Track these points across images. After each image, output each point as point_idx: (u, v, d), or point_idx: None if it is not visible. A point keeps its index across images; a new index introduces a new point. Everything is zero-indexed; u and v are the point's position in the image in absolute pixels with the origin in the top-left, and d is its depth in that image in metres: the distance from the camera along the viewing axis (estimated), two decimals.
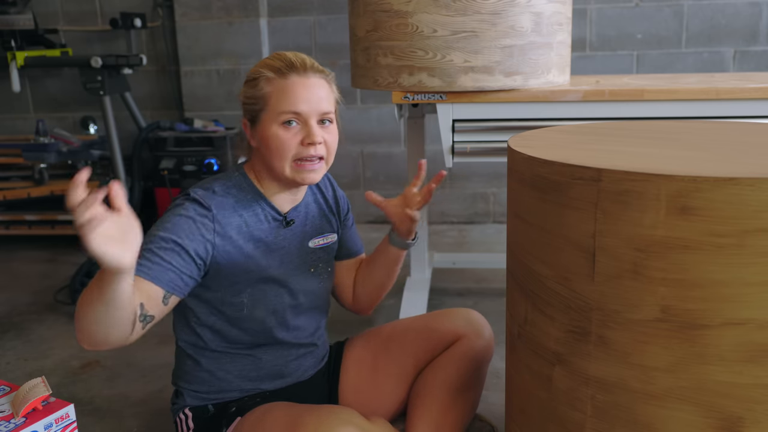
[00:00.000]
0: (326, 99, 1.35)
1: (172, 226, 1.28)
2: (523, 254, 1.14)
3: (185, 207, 1.31)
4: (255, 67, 1.37)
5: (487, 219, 3.90)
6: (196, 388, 1.44)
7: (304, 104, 1.31)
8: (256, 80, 1.34)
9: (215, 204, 1.33)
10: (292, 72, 1.32)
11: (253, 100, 1.34)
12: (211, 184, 1.38)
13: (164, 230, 1.27)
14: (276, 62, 1.34)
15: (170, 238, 1.26)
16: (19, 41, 3.49)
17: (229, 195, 1.36)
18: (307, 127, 1.32)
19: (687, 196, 0.89)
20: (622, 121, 1.56)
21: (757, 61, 3.55)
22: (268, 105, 1.32)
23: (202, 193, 1.34)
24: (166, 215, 1.31)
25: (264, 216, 1.39)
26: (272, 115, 1.32)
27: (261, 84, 1.33)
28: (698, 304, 0.92)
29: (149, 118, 3.86)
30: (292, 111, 1.31)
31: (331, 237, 1.52)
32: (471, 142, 2.03)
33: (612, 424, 1.02)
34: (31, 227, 3.52)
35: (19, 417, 1.43)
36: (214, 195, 1.34)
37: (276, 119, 1.31)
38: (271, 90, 1.32)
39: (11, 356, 2.30)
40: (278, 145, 1.31)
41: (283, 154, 1.32)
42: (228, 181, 1.39)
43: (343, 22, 3.65)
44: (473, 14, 1.81)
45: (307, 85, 1.32)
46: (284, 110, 1.30)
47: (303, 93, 1.31)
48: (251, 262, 1.37)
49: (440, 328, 1.56)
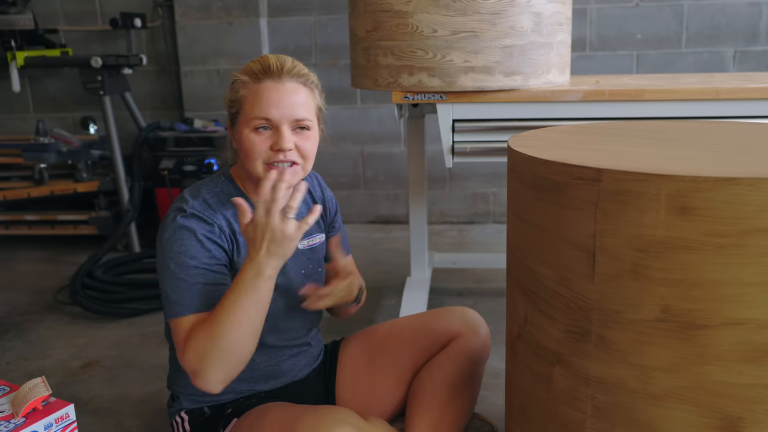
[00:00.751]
0: (303, 105, 1.32)
1: (193, 250, 1.27)
2: (523, 254, 1.14)
3: (190, 224, 1.29)
4: (236, 73, 1.37)
5: (487, 219, 3.90)
6: (191, 391, 1.44)
7: (275, 110, 1.30)
8: (234, 83, 1.35)
9: (211, 216, 1.32)
10: (266, 77, 1.31)
11: (230, 103, 1.36)
12: (199, 191, 1.36)
13: (191, 258, 1.27)
14: (256, 66, 1.34)
15: (201, 265, 1.28)
16: (19, 41, 3.49)
17: (219, 203, 1.35)
18: (278, 133, 1.30)
19: (687, 196, 0.89)
20: (622, 121, 1.56)
21: (757, 61, 3.55)
22: (242, 109, 1.33)
23: (199, 207, 1.32)
24: (177, 239, 1.28)
25: None
26: (245, 119, 1.32)
27: (237, 88, 1.34)
28: (698, 304, 0.92)
29: (149, 118, 3.86)
30: (263, 117, 1.30)
31: (318, 237, 1.52)
32: (471, 142, 2.03)
33: (612, 424, 1.02)
34: (31, 227, 3.52)
35: (19, 417, 1.43)
36: (208, 207, 1.33)
37: (248, 123, 1.31)
38: (246, 94, 1.32)
39: (11, 356, 2.30)
40: (249, 149, 1.31)
41: (253, 157, 1.32)
42: (215, 187, 1.38)
43: (343, 22, 3.65)
44: (473, 14, 1.81)
45: (281, 90, 1.31)
46: (255, 116, 1.30)
47: (275, 98, 1.30)
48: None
49: (437, 327, 1.56)
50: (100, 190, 3.44)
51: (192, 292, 1.27)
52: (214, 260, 1.30)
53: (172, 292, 1.27)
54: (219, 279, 1.30)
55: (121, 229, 3.31)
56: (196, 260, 1.28)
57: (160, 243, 1.31)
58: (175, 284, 1.27)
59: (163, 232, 1.31)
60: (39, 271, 3.23)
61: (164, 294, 1.30)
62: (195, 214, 1.31)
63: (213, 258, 1.30)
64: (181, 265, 1.27)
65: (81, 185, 3.43)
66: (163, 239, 1.30)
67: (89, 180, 3.45)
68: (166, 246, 1.29)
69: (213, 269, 1.29)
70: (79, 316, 2.62)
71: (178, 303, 1.27)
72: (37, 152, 3.40)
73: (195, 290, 1.27)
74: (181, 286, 1.27)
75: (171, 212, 1.33)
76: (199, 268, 1.28)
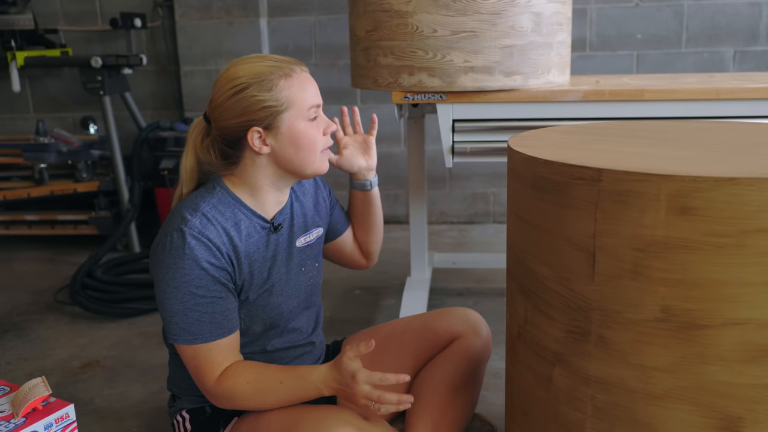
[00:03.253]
0: None
1: (198, 280, 1.25)
2: (523, 254, 1.14)
3: (193, 252, 1.25)
4: (247, 74, 1.29)
5: (487, 219, 3.90)
6: (192, 392, 1.43)
7: (318, 96, 1.35)
8: (270, 81, 1.28)
9: (213, 235, 1.28)
10: (295, 66, 1.33)
11: (273, 103, 1.28)
12: (197, 206, 1.30)
13: (197, 288, 1.26)
14: (271, 62, 1.31)
15: (210, 294, 1.27)
16: (19, 41, 3.49)
17: (218, 214, 1.30)
18: (322, 117, 1.35)
19: (687, 196, 0.89)
20: (622, 121, 1.56)
21: (757, 61, 3.55)
22: (293, 103, 1.29)
23: (199, 225, 1.27)
24: (180, 268, 1.25)
25: (252, 228, 1.34)
26: (300, 112, 1.30)
27: (281, 84, 1.28)
28: (698, 304, 0.92)
29: (149, 118, 3.86)
30: (317, 104, 1.34)
31: (316, 232, 1.50)
32: (471, 142, 2.03)
33: (612, 424, 1.02)
34: (31, 227, 3.52)
35: (19, 417, 1.43)
36: (208, 222, 1.28)
37: (304, 115, 1.31)
38: (292, 87, 1.30)
39: (11, 356, 2.30)
40: (310, 140, 1.32)
41: (315, 148, 1.33)
42: (212, 198, 1.32)
43: (343, 22, 3.65)
44: (473, 14, 1.81)
45: (310, 78, 1.35)
46: (312, 104, 1.32)
47: (312, 86, 1.34)
48: (249, 280, 1.36)
49: (438, 328, 1.56)
50: (100, 190, 3.44)
51: (204, 321, 1.27)
52: (220, 286, 1.28)
53: (180, 321, 1.26)
54: (227, 305, 1.30)
55: (121, 229, 3.31)
56: (204, 289, 1.26)
57: (161, 267, 1.26)
58: (185, 314, 1.26)
59: (164, 255, 1.26)
60: (39, 271, 3.23)
61: (168, 319, 1.27)
62: (196, 237, 1.25)
63: (219, 283, 1.28)
64: (188, 295, 1.25)
65: (81, 185, 3.43)
66: (164, 264, 1.25)
67: (89, 180, 3.45)
68: (168, 273, 1.25)
69: (221, 296, 1.29)
70: (79, 316, 2.62)
71: (188, 331, 1.27)
72: (37, 152, 3.40)
73: (207, 319, 1.27)
74: (191, 315, 1.26)
75: (170, 232, 1.26)
76: (208, 297, 1.27)
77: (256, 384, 1.28)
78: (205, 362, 1.28)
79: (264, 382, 1.29)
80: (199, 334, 1.27)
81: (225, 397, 1.29)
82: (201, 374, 1.29)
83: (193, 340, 1.27)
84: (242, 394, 1.28)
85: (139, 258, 3.17)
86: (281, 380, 1.29)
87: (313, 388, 1.27)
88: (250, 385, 1.28)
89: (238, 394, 1.28)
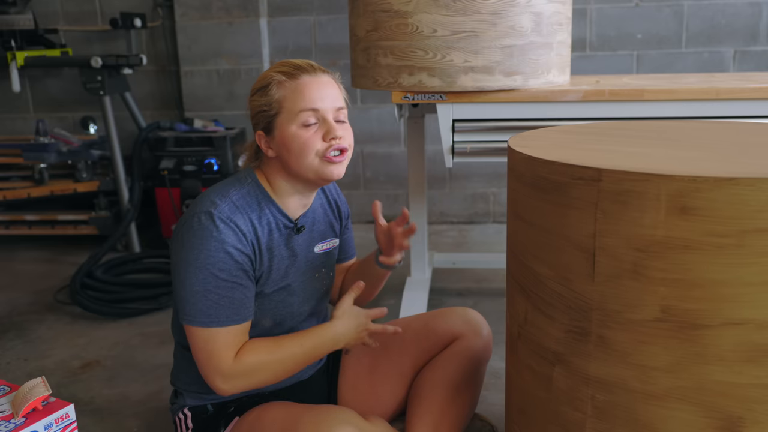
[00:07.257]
0: (339, 96, 1.36)
1: (222, 263, 1.26)
2: (523, 254, 1.14)
3: (220, 234, 1.26)
4: (262, 77, 1.35)
5: (487, 219, 3.90)
6: (195, 388, 1.44)
7: (320, 101, 1.32)
8: (267, 87, 1.32)
9: (241, 222, 1.30)
10: (301, 73, 1.33)
11: (266, 108, 1.33)
12: (228, 192, 1.33)
13: (220, 271, 1.26)
14: (283, 67, 1.34)
15: (232, 279, 1.28)
16: (19, 41, 3.48)
17: (246, 205, 1.33)
18: (327, 123, 1.32)
19: (687, 196, 0.89)
20: (622, 121, 1.56)
21: (757, 61, 3.55)
22: (283, 108, 1.31)
23: (227, 211, 1.29)
24: (205, 248, 1.26)
25: (276, 224, 1.37)
26: (290, 116, 1.30)
27: (273, 89, 1.32)
28: (698, 304, 0.92)
29: (149, 118, 3.86)
30: (310, 108, 1.30)
31: (333, 242, 1.53)
32: (471, 142, 2.03)
33: (612, 424, 1.02)
34: (31, 227, 3.52)
35: (19, 417, 1.43)
36: (236, 209, 1.30)
37: (294, 120, 1.30)
38: (284, 93, 1.31)
39: (11, 356, 2.30)
40: (303, 144, 1.30)
41: (307, 152, 1.30)
42: (242, 188, 1.35)
43: (343, 22, 3.65)
44: (473, 14, 1.81)
45: (320, 83, 1.33)
46: (303, 108, 1.30)
47: (317, 91, 1.32)
48: (267, 273, 1.37)
49: (438, 328, 1.57)
50: (100, 190, 3.44)
51: (222, 305, 1.27)
52: (242, 272, 1.29)
53: (198, 302, 1.26)
54: (246, 293, 1.31)
55: (121, 229, 3.30)
56: (226, 273, 1.27)
57: (185, 247, 1.27)
58: (204, 295, 1.26)
59: (189, 235, 1.27)
60: (39, 271, 3.23)
61: (186, 299, 1.27)
62: (224, 221, 1.27)
63: (241, 270, 1.29)
64: (210, 277, 1.26)
65: (81, 185, 3.43)
66: (189, 244, 1.27)
67: (89, 180, 3.45)
68: (192, 253, 1.26)
69: (242, 282, 1.29)
70: (79, 316, 2.62)
71: (205, 313, 1.27)
72: (37, 152, 3.40)
73: (225, 303, 1.27)
74: (209, 297, 1.26)
75: (197, 213, 1.28)
76: (229, 281, 1.27)
77: (278, 352, 1.31)
78: (220, 345, 1.28)
79: (284, 348, 1.32)
80: (216, 318, 1.27)
81: (243, 374, 1.29)
82: (215, 358, 1.28)
83: (209, 323, 1.27)
84: (264, 363, 1.30)
85: (140, 258, 3.17)
86: (301, 342, 1.33)
87: (331, 342, 1.36)
88: (272, 354, 1.31)
89: (261, 366, 1.30)
